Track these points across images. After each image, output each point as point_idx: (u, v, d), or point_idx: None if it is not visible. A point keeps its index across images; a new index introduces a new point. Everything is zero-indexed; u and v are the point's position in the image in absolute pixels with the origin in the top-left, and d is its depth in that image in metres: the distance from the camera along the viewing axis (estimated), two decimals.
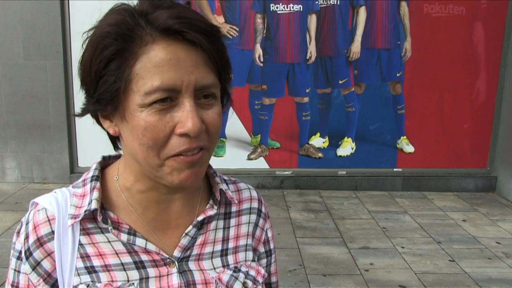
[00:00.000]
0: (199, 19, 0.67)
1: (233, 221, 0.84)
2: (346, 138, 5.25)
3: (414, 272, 3.43)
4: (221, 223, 0.82)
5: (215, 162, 5.35)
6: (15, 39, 4.93)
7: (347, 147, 5.27)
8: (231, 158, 5.20)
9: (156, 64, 0.64)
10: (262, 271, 0.85)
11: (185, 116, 0.66)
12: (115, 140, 0.79)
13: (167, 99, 0.65)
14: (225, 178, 0.87)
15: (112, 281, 0.73)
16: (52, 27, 4.89)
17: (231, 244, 0.82)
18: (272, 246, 0.91)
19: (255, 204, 0.88)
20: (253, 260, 0.84)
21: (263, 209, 0.89)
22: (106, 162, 0.82)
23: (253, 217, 0.87)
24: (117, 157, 0.81)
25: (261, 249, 0.89)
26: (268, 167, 5.27)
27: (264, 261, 0.89)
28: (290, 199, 4.95)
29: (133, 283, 0.73)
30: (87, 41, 0.68)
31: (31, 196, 0.79)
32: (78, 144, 5.14)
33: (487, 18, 5.04)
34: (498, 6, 5.02)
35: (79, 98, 0.76)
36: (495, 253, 3.75)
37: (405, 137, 5.27)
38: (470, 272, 3.44)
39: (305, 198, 4.99)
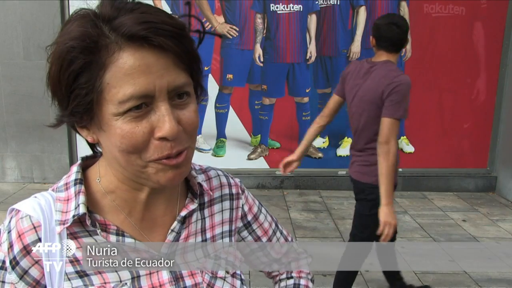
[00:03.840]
0: (164, 21, 0.66)
1: (206, 212, 0.85)
2: (346, 138, 5.25)
3: (414, 272, 3.43)
4: (198, 215, 0.84)
5: (215, 162, 5.32)
6: (15, 39, 4.93)
7: (347, 147, 5.26)
8: (231, 158, 5.20)
9: (126, 72, 0.64)
10: (239, 254, 0.88)
11: (162, 120, 0.65)
12: (93, 145, 0.79)
13: (142, 105, 0.65)
14: (197, 167, 0.88)
15: (105, 282, 0.73)
16: (52, 27, 4.88)
17: (208, 234, 0.84)
18: (251, 216, 0.93)
19: (226, 190, 0.89)
20: (230, 246, 0.87)
21: (233, 191, 0.90)
22: (85, 163, 0.81)
23: (226, 203, 0.88)
24: (96, 156, 0.81)
25: (239, 224, 0.91)
26: (268, 167, 5.27)
27: (244, 232, 0.92)
28: (290, 199, 4.95)
29: (126, 283, 0.74)
30: (51, 57, 0.67)
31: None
32: (78, 144, 5.14)
33: (487, 18, 5.04)
34: (498, 6, 5.01)
35: None
36: (495, 253, 3.75)
37: (405, 137, 5.26)
38: (470, 272, 3.44)
39: (305, 198, 4.99)
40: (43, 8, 4.85)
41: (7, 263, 0.71)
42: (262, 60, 5.01)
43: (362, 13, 4.98)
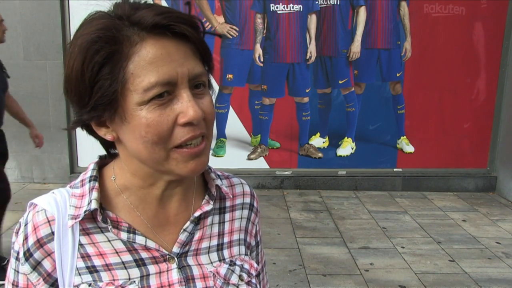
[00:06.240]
0: (181, 12, 0.70)
1: (227, 216, 0.86)
2: (346, 138, 5.25)
3: (414, 272, 3.43)
4: (216, 218, 0.84)
5: (215, 162, 5.33)
6: (15, 39, 4.93)
7: (347, 147, 5.27)
8: (231, 158, 5.20)
9: (149, 61, 0.66)
10: (255, 264, 0.87)
11: (185, 106, 0.68)
12: (107, 147, 0.81)
13: (164, 93, 0.67)
14: (219, 173, 0.89)
15: (114, 279, 0.74)
16: (52, 27, 4.89)
17: (226, 239, 0.84)
18: (259, 237, 0.94)
19: (247, 199, 0.90)
20: (246, 254, 0.87)
21: (255, 204, 0.91)
22: (102, 162, 0.82)
23: (246, 212, 0.89)
24: (113, 155, 0.82)
25: (253, 242, 0.91)
26: (268, 167, 5.27)
27: (254, 253, 0.92)
28: (290, 199, 4.95)
29: (134, 281, 0.75)
30: (73, 51, 0.68)
31: (31, 196, 0.79)
32: (78, 144, 5.15)
33: (487, 18, 5.04)
34: (498, 6, 5.02)
35: None
36: (495, 253, 3.75)
37: (405, 137, 5.27)
38: (470, 272, 3.44)
39: (305, 198, 4.99)
40: (43, 8, 4.85)
41: (21, 255, 0.74)
42: (262, 60, 5.01)
43: (362, 13, 4.98)
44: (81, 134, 0.78)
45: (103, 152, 0.84)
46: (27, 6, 4.85)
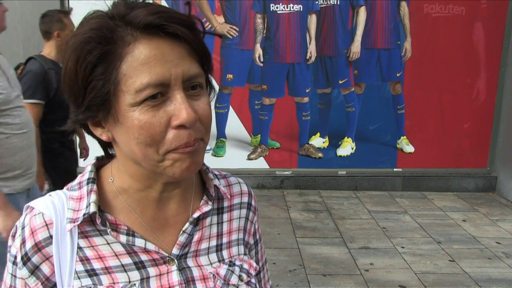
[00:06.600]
0: (176, 12, 0.69)
1: (225, 216, 0.85)
2: (346, 138, 5.25)
3: (414, 272, 3.43)
4: (214, 219, 0.84)
5: (215, 162, 5.32)
6: (15, 39, 4.93)
7: (347, 147, 5.27)
8: (231, 158, 5.20)
9: (142, 62, 0.65)
10: (254, 264, 0.87)
11: (178, 108, 0.66)
12: (106, 147, 0.80)
13: (158, 94, 0.66)
14: (216, 173, 0.88)
15: (114, 283, 0.73)
16: None
17: (225, 239, 0.84)
18: (258, 236, 0.93)
19: (245, 199, 0.89)
20: (244, 254, 0.86)
21: (252, 203, 0.91)
22: (100, 163, 0.82)
23: (244, 211, 0.88)
24: (111, 156, 0.81)
25: (251, 241, 0.91)
26: (268, 167, 5.27)
27: (253, 252, 0.92)
28: (290, 199, 4.95)
29: (135, 284, 0.74)
30: (67, 51, 0.68)
31: None
32: (78, 144, 5.14)
33: (487, 18, 5.04)
34: (498, 6, 5.01)
35: None
36: (495, 253, 3.75)
37: (405, 137, 5.27)
38: (470, 272, 3.44)
39: (305, 198, 4.99)
40: (43, 8, 4.84)
41: (18, 259, 0.73)
42: (262, 60, 5.01)
43: (362, 13, 4.98)
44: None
45: (102, 152, 0.83)
46: (27, 6, 4.85)
